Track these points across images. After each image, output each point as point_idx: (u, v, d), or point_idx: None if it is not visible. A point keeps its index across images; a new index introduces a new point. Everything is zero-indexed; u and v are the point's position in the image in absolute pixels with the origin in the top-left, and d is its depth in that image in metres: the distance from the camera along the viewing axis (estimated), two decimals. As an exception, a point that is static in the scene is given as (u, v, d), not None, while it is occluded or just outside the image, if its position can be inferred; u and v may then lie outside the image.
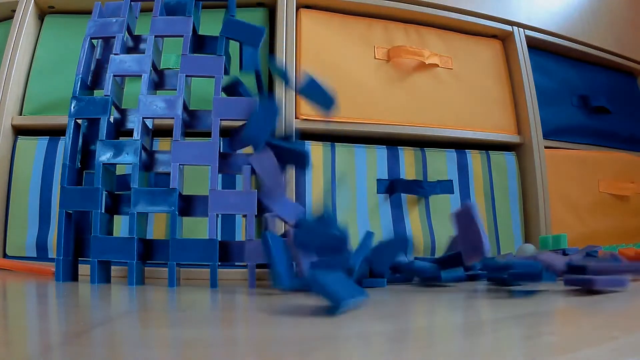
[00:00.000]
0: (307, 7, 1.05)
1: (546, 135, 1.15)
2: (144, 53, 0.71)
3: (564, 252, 0.76)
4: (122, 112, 0.73)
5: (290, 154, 0.67)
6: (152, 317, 0.35)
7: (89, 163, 0.69)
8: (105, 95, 0.66)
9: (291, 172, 0.95)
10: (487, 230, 1.06)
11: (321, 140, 1.00)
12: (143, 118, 0.66)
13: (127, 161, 0.64)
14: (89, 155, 0.70)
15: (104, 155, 0.64)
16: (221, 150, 0.71)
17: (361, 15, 1.08)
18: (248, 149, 0.86)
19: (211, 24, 1.03)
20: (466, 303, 0.42)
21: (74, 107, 0.66)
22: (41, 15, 1.06)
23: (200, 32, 1.02)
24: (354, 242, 0.96)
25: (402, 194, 1.01)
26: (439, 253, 1.01)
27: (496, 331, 0.28)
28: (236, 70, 0.98)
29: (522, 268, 0.52)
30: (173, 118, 0.66)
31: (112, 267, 0.68)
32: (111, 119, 0.68)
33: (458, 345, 0.24)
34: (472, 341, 0.25)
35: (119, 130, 0.72)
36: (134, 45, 0.76)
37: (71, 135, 0.66)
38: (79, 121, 0.68)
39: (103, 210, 0.64)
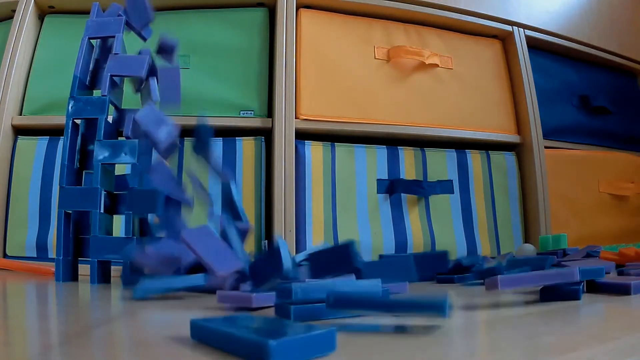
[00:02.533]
0: (307, 7, 1.05)
1: (546, 135, 1.15)
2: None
3: (564, 252, 0.76)
4: (121, 112, 0.73)
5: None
6: (152, 317, 0.35)
7: (88, 163, 0.69)
8: (103, 96, 0.66)
9: (290, 172, 0.95)
10: (487, 230, 1.07)
11: (321, 140, 1.00)
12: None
13: (125, 161, 0.64)
14: (88, 155, 0.70)
15: (102, 155, 0.64)
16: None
17: (361, 15, 1.08)
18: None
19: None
20: (466, 303, 0.42)
21: (71, 107, 0.66)
22: (41, 15, 1.06)
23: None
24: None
25: (402, 194, 1.01)
26: (439, 253, 1.01)
27: (496, 331, 0.28)
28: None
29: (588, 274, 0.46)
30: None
31: (112, 267, 0.68)
32: (109, 119, 0.68)
33: (458, 345, 0.24)
34: (472, 341, 0.25)
35: (118, 130, 0.72)
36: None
37: (69, 135, 0.65)
38: (78, 121, 0.68)
39: (102, 210, 0.64)
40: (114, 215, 0.68)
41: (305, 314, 0.31)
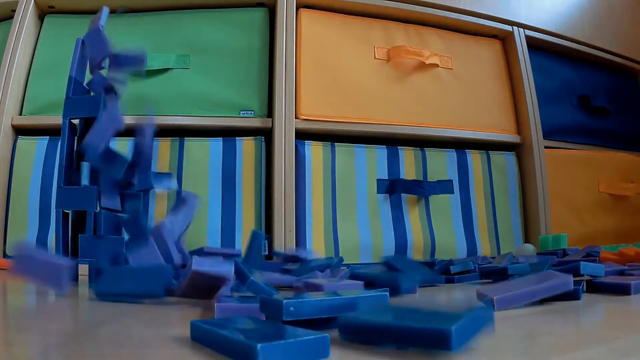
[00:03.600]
0: (307, 7, 1.05)
1: (546, 135, 1.15)
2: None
3: (564, 252, 0.76)
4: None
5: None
6: (152, 317, 0.35)
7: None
8: (97, 94, 0.66)
9: (290, 172, 0.95)
10: (487, 230, 1.06)
11: (321, 140, 1.00)
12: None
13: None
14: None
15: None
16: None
17: (361, 15, 1.08)
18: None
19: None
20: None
21: (66, 107, 0.65)
22: (41, 15, 1.06)
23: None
24: (353, 243, 0.96)
25: (402, 194, 1.01)
26: (439, 253, 1.01)
27: (496, 331, 0.28)
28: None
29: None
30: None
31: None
32: None
33: (458, 345, 0.24)
34: (472, 341, 0.25)
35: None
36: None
37: (66, 135, 0.65)
38: (76, 121, 0.68)
39: (99, 210, 0.63)
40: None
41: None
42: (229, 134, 0.99)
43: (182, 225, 0.63)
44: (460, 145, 1.11)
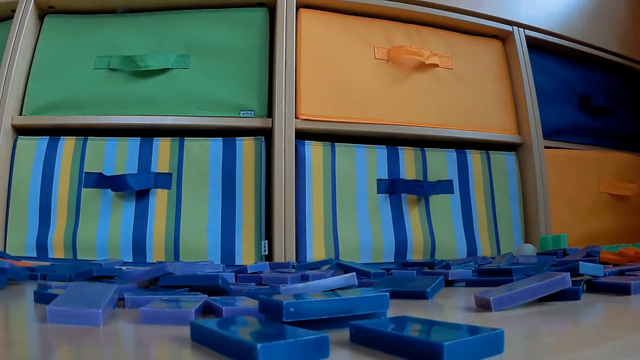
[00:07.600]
0: (307, 7, 1.05)
1: (546, 135, 1.15)
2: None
3: (564, 252, 0.76)
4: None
5: None
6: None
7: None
8: None
9: (290, 172, 0.95)
10: (487, 230, 1.06)
11: (321, 140, 1.00)
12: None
13: None
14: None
15: None
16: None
17: (361, 15, 1.08)
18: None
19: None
20: (466, 303, 0.42)
21: None
22: (41, 15, 1.06)
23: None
24: (353, 243, 0.96)
25: (402, 194, 1.01)
26: (438, 253, 1.01)
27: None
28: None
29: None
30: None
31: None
32: None
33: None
34: None
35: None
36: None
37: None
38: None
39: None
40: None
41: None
42: (229, 134, 0.99)
43: None
44: (460, 145, 1.11)
